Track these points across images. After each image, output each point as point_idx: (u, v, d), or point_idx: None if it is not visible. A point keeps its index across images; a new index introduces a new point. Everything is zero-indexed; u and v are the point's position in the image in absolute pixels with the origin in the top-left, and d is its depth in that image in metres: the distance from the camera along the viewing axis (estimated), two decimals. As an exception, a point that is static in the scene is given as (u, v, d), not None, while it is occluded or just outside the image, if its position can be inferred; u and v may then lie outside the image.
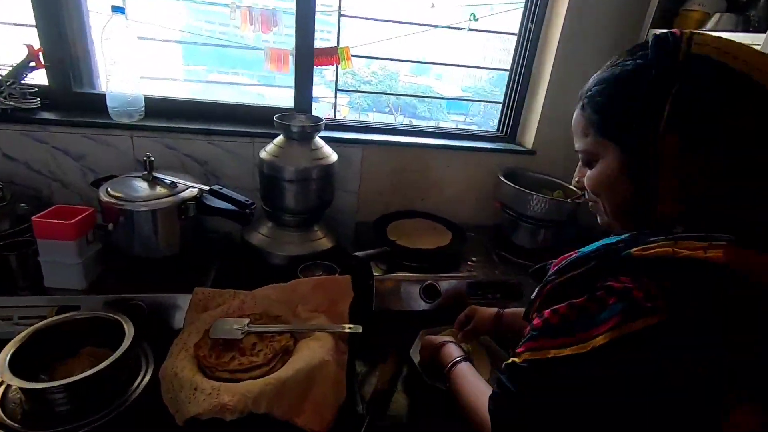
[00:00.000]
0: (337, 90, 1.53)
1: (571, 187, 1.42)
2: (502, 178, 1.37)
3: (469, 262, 1.30)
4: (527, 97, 1.56)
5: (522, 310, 0.94)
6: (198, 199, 1.07)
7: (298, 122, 1.22)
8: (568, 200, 1.28)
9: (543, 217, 1.30)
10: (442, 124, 3.76)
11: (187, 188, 1.08)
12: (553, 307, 0.54)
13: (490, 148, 1.54)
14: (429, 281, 1.17)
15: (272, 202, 1.23)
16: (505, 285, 1.24)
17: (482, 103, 3.72)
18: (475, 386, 0.74)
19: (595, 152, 0.59)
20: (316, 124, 1.21)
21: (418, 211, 1.47)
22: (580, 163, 0.64)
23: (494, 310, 1.00)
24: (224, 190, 1.07)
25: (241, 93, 3.07)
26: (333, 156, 1.25)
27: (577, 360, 0.50)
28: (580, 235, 1.59)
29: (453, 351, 0.86)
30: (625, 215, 0.59)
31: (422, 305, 1.17)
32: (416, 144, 1.50)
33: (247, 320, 0.92)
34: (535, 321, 0.56)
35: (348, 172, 1.45)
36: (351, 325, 0.96)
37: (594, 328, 0.49)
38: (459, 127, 2.12)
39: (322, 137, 1.26)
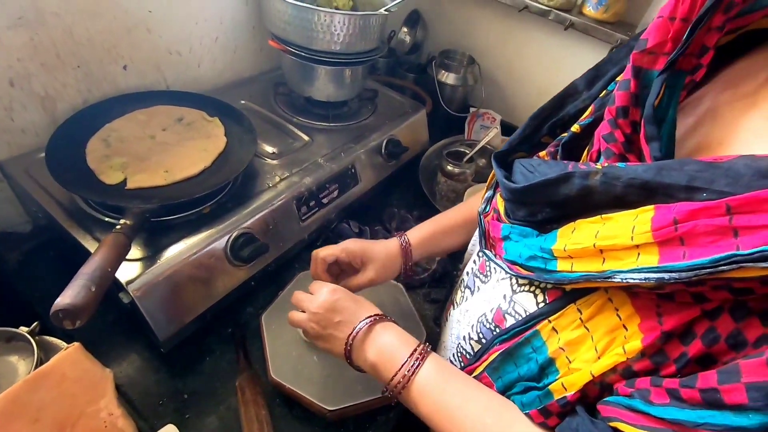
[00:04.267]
0: None
1: (359, -16, 0.92)
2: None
3: (268, 159, 0.80)
4: None
5: (434, 225, 0.68)
6: None
7: None
8: (382, 10, 0.81)
9: (346, 49, 0.82)
10: None
11: None
12: None
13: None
14: (231, 231, 0.65)
15: None
16: (346, 175, 0.83)
17: None
18: (472, 409, 0.43)
19: None
20: None
21: (134, 95, 0.76)
22: None
23: (393, 244, 0.64)
24: None
25: None
26: None
27: None
28: (397, 63, 1.23)
29: (387, 340, 0.49)
30: None
31: (238, 275, 0.68)
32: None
33: None
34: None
35: None
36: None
37: None
38: None
39: None
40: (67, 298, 0.41)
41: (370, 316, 0.50)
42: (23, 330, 0.46)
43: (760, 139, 0.34)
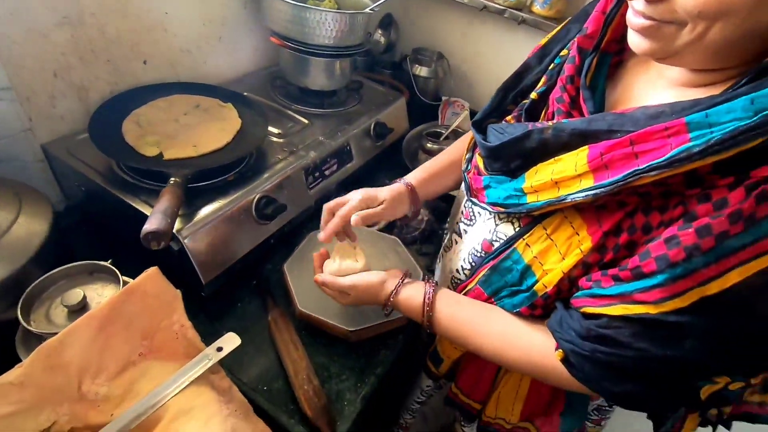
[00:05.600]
0: None
1: (343, -11, 1.07)
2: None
3: (275, 138, 0.92)
4: None
5: (428, 169, 0.79)
6: None
7: None
8: (367, 9, 0.95)
9: (337, 43, 0.96)
10: None
11: None
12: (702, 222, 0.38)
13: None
14: (254, 194, 0.77)
15: None
16: (343, 152, 0.95)
17: None
18: (493, 325, 0.56)
19: None
20: None
21: (153, 86, 0.87)
22: None
23: (397, 186, 0.75)
24: None
25: None
26: None
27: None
28: (373, 61, 1.37)
29: (410, 291, 0.62)
30: (732, 54, 0.41)
31: (260, 233, 0.79)
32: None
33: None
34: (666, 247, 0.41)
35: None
36: (218, 345, 0.56)
37: None
38: None
39: None
40: (153, 224, 0.52)
41: (398, 282, 0.63)
42: (105, 263, 0.56)
43: (652, 87, 0.50)
